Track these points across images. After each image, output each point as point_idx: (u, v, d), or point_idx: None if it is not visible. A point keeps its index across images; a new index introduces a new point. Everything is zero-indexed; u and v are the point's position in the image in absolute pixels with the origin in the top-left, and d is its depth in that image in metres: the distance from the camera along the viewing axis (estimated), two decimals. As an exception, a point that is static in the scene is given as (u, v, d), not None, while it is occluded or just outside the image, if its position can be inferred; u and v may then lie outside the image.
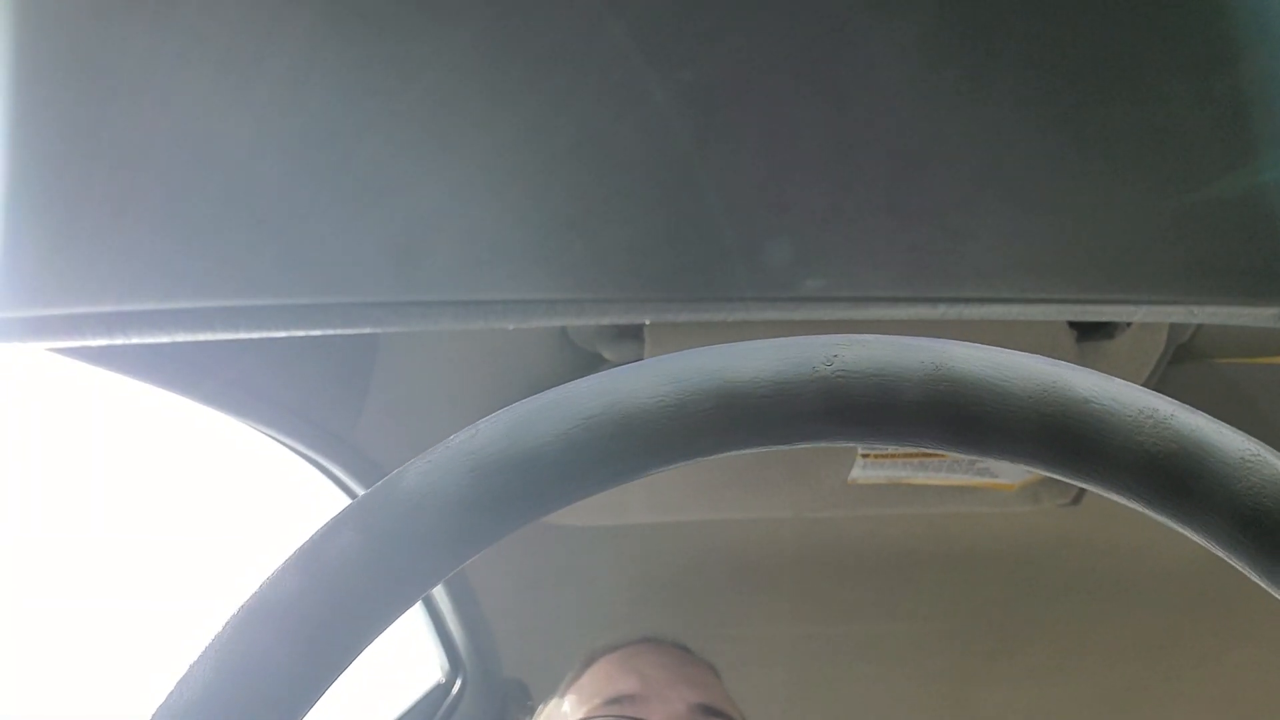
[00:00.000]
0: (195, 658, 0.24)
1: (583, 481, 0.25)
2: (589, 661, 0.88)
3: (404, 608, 0.25)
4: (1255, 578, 0.24)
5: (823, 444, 0.26)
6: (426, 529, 0.24)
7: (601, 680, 0.83)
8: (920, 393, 0.24)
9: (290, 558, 0.24)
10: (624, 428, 0.24)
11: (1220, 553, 0.24)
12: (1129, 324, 0.88)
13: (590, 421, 0.24)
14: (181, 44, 0.47)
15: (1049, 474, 0.25)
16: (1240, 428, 0.25)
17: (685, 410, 0.25)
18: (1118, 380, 0.24)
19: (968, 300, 0.53)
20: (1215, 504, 0.23)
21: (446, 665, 1.18)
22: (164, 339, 0.53)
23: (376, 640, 0.25)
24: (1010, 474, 1.00)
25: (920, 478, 1.01)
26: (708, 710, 0.79)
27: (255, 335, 0.53)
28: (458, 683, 1.18)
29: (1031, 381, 0.24)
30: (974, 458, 0.26)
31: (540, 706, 0.91)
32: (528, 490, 0.24)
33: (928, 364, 0.24)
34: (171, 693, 0.24)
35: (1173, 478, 0.23)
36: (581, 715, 0.80)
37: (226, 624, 0.24)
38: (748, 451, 0.26)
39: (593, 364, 0.92)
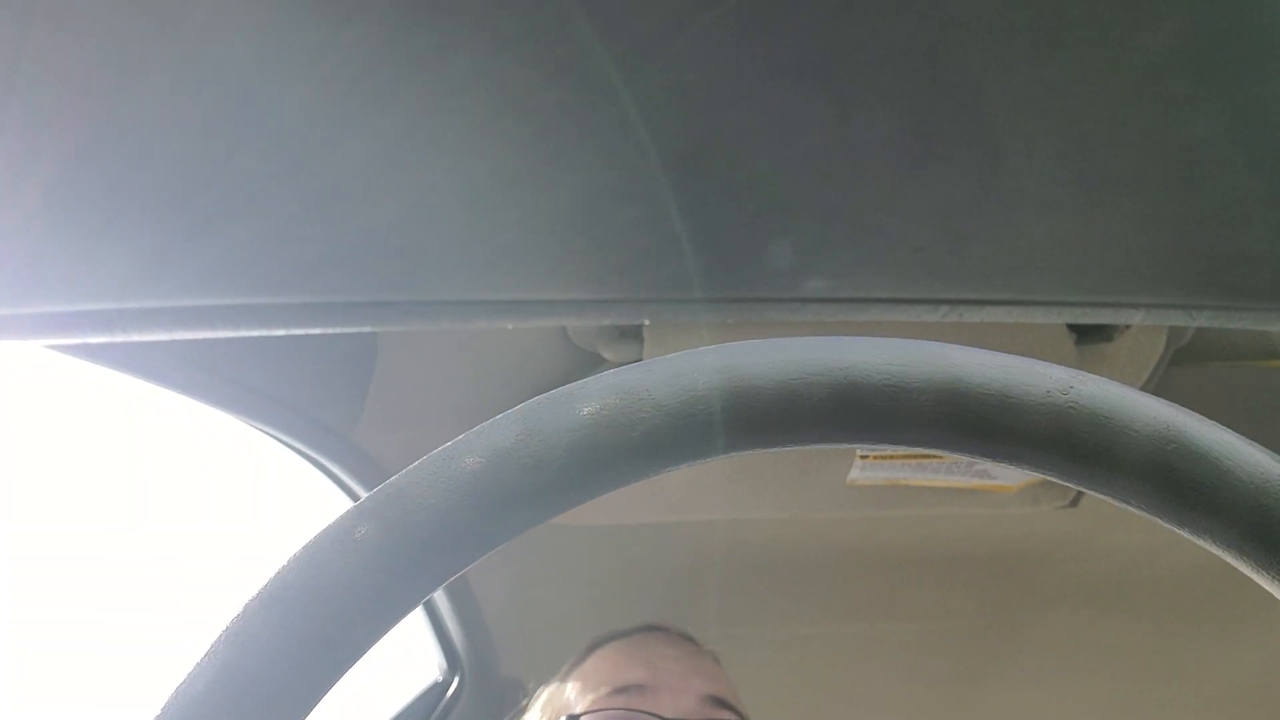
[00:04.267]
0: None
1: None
2: (593, 648, 0.85)
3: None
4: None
5: (1031, 469, 0.26)
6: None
7: (608, 668, 0.80)
8: (1145, 448, 0.24)
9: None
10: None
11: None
12: (1128, 327, 0.88)
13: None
14: (182, 41, 0.47)
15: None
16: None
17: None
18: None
19: (968, 302, 0.53)
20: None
21: (444, 664, 1.18)
22: (164, 336, 0.53)
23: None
24: (1009, 476, 1.00)
25: (919, 479, 1.01)
26: (718, 702, 0.77)
27: (256, 333, 0.53)
28: (455, 681, 1.18)
29: (1256, 468, 0.24)
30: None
31: (540, 689, 0.88)
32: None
33: (1159, 420, 0.24)
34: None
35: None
36: (587, 703, 0.78)
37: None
38: (948, 454, 0.26)
39: (593, 364, 0.92)
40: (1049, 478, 0.25)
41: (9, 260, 0.51)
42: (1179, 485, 0.24)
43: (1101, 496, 0.25)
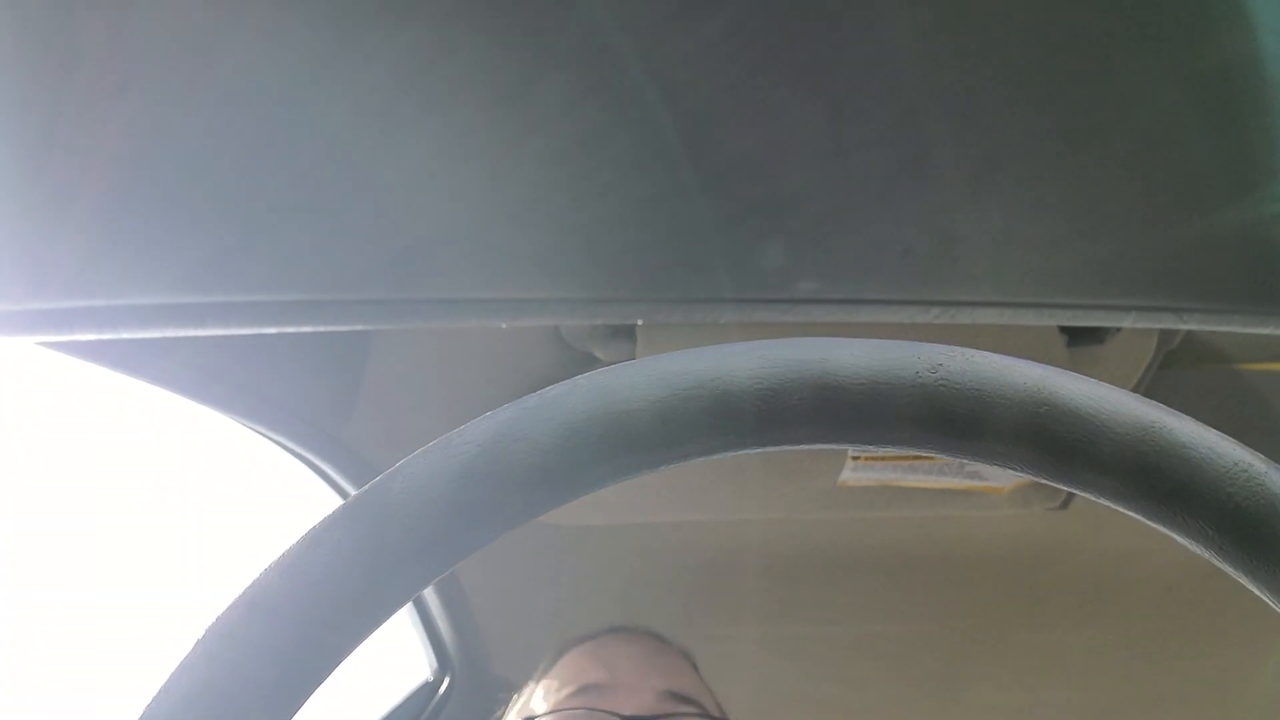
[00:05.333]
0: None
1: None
2: (559, 653, 0.87)
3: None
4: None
5: (912, 450, 0.26)
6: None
7: (570, 671, 0.83)
8: (1018, 414, 0.25)
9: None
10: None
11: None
12: (1119, 329, 0.88)
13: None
14: (176, 39, 0.47)
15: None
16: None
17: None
18: (1212, 430, 0.25)
19: (960, 304, 0.53)
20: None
21: (434, 664, 1.18)
22: (155, 334, 0.53)
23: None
24: (1000, 478, 1.01)
25: (910, 480, 1.01)
26: (677, 697, 0.78)
27: (247, 331, 0.53)
28: (445, 681, 1.18)
29: (1131, 419, 0.25)
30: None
31: (515, 698, 0.90)
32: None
33: (1030, 386, 0.25)
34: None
35: (1260, 536, 0.24)
36: (549, 706, 0.80)
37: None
38: (833, 446, 0.26)
39: (585, 363, 0.92)
40: (932, 455, 0.26)
41: (1, 257, 0.51)
42: (1053, 445, 0.25)
43: (984, 464, 0.26)
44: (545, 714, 0.79)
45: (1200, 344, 0.97)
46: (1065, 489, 0.26)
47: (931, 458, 0.97)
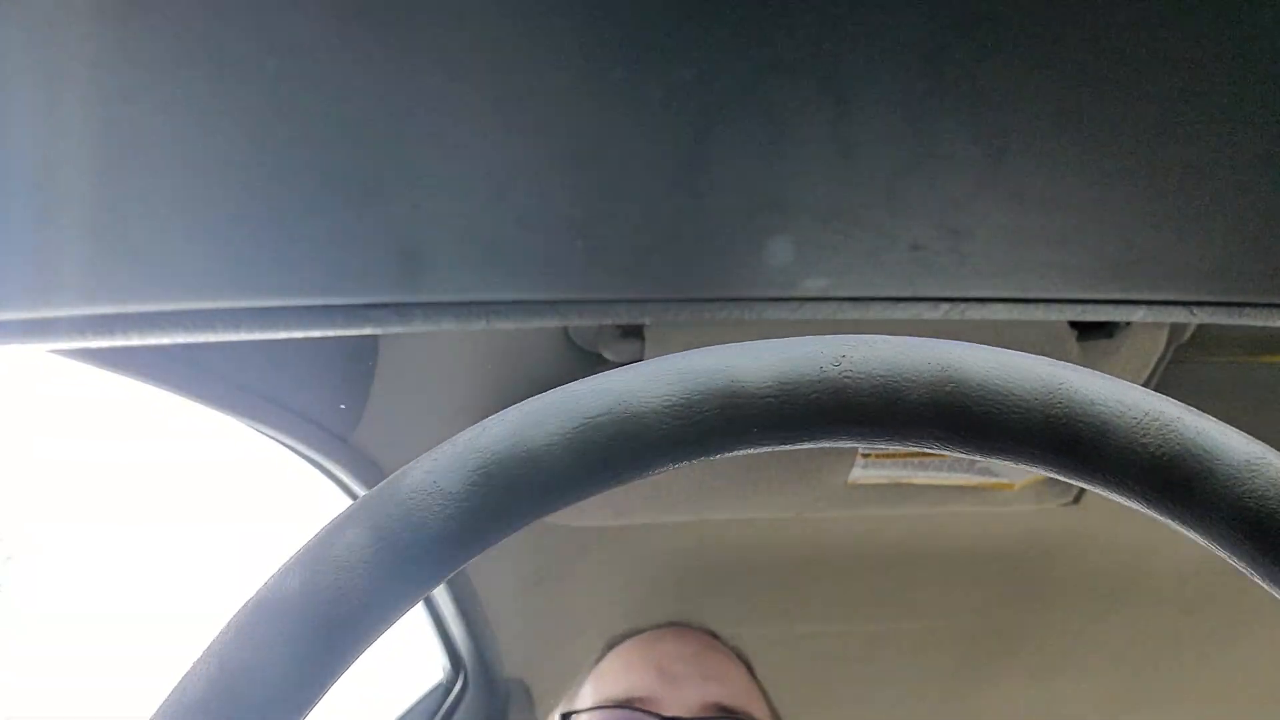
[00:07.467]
0: (198, 656, 0.24)
1: (587, 481, 0.25)
2: (610, 647, 0.87)
3: (406, 608, 0.25)
4: (1259, 580, 0.25)
5: (827, 444, 0.26)
6: (431, 527, 0.24)
7: (619, 670, 0.82)
8: (926, 394, 0.25)
9: (294, 556, 0.24)
10: (630, 427, 0.25)
11: (1223, 554, 0.25)
12: (1129, 324, 0.88)
13: (595, 421, 0.25)
14: (179, 42, 0.47)
15: (1052, 475, 0.26)
16: (1239, 427, 0.25)
17: (690, 410, 0.25)
18: (1122, 382, 0.25)
19: (969, 300, 0.53)
20: (1219, 507, 0.24)
21: (448, 665, 1.18)
22: (165, 340, 0.53)
23: (378, 640, 0.25)
24: (1012, 473, 1.00)
25: (921, 477, 1.01)
26: (723, 710, 0.77)
27: (257, 337, 0.53)
28: (459, 682, 1.18)
29: (1038, 383, 0.25)
30: (975, 458, 0.26)
31: (571, 690, 0.90)
32: (532, 489, 0.24)
33: (935, 365, 0.25)
34: (173, 691, 0.24)
35: (1177, 481, 0.24)
36: (593, 702, 0.79)
37: (230, 622, 0.24)
38: (752, 451, 0.26)
39: (594, 365, 0.92)
40: (849, 445, 0.26)
41: (9, 264, 0.51)
42: (963, 420, 0.25)
43: (901, 447, 0.26)
44: (586, 710, 0.78)
45: (1211, 337, 0.97)
46: (980, 458, 0.26)
47: (941, 455, 0.97)
